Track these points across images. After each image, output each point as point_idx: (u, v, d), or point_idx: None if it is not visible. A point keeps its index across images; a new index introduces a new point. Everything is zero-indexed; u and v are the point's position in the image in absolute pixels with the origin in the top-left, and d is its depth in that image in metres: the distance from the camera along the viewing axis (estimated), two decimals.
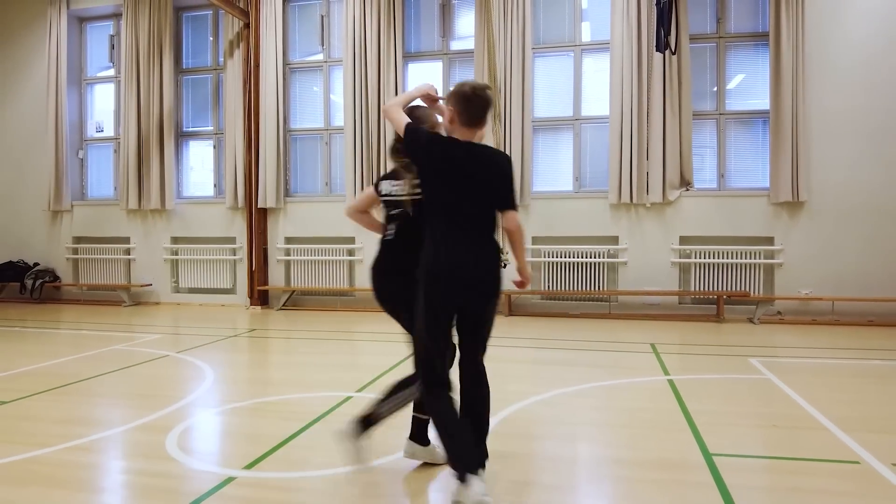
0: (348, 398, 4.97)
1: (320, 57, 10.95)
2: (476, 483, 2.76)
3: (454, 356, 3.33)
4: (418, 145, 3.18)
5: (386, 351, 7.13)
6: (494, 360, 6.70)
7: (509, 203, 3.17)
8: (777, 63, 9.01)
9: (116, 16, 11.73)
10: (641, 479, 3.42)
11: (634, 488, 3.32)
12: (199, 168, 11.75)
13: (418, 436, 3.58)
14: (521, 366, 6.47)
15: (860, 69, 8.92)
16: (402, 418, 3.56)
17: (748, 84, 9.63)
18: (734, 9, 9.54)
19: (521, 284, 3.26)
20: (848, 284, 8.93)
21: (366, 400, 4.94)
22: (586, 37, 10.02)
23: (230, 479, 3.39)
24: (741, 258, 9.23)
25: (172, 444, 3.91)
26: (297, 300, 10.87)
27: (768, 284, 9.25)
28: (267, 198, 10.59)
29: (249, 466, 3.58)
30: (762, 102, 9.34)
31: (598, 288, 9.62)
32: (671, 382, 5.41)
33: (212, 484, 3.32)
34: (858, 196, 8.96)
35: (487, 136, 9.65)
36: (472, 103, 3.15)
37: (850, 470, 3.51)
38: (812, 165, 8.99)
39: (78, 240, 11.88)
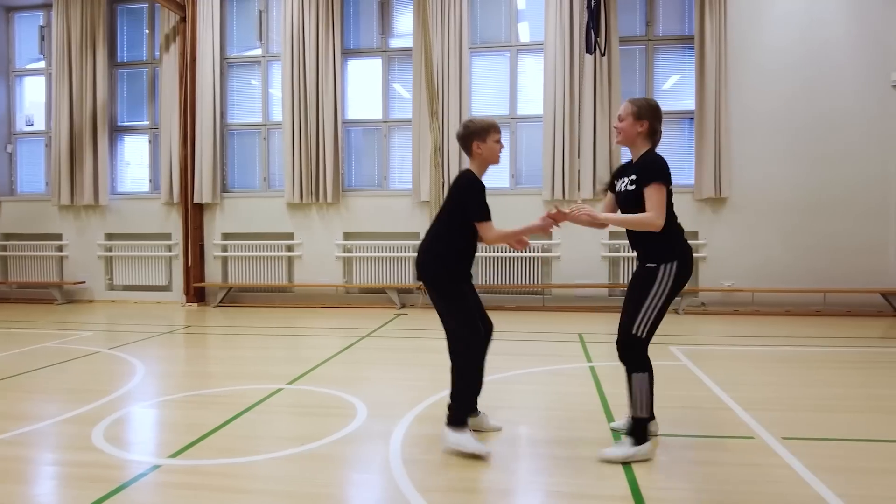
0: (279, 390, 5.06)
1: (259, 52, 10.92)
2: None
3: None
4: None
5: (322, 345, 7.24)
6: (432, 351, 6.92)
7: (472, 216, 3.75)
8: (702, 65, 9.44)
9: (47, 6, 11.44)
10: (555, 456, 3.63)
11: (546, 464, 3.53)
12: (134, 163, 11.57)
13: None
14: None
15: (778, 71, 9.43)
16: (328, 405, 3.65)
17: (675, 85, 10.05)
18: (662, 12, 9.94)
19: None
20: (767, 276, 9.43)
21: (297, 391, 5.06)
22: (523, 37, 10.28)
23: (156, 467, 3.46)
24: None
25: (99, 436, 3.94)
26: (234, 297, 10.83)
27: (693, 277, 9.68)
28: (203, 193, 10.52)
29: (176, 454, 3.64)
30: (689, 103, 9.76)
31: (533, 281, 9.90)
32: (592, 369, 5.70)
33: (137, 472, 3.39)
34: (777, 193, 9.46)
35: (425, 134, 9.83)
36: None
37: (745, 444, 3.80)
38: (734, 163, 9.45)
39: (7, 236, 11.56)
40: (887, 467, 3.43)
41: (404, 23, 10.55)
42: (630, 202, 3.67)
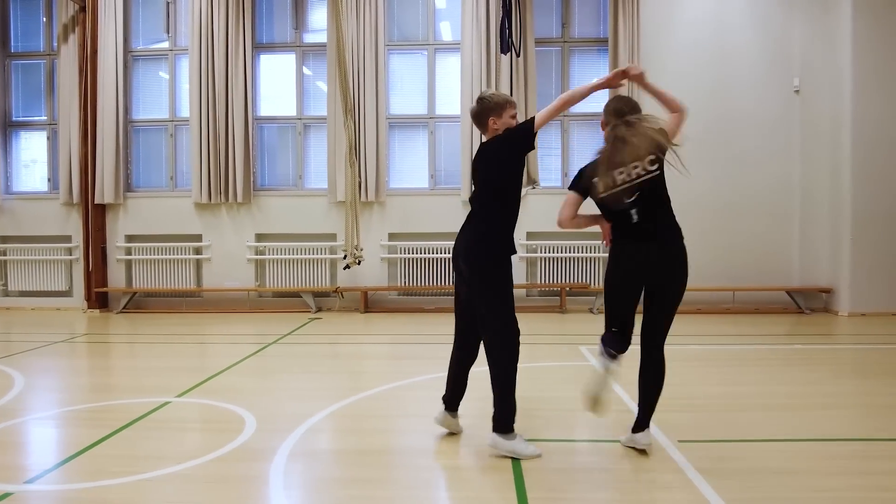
0: (166, 403, 4.73)
1: (166, 45, 10.42)
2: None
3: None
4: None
5: (227, 353, 6.92)
6: (345, 356, 6.71)
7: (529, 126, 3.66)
8: (615, 67, 9.50)
9: None
10: (443, 466, 3.48)
11: (432, 476, 3.37)
12: (31, 161, 10.85)
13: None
14: (371, 361, 6.53)
15: (689, 75, 9.59)
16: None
17: None
18: (577, 14, 9.99)
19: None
20: None
21: (185, 404, 4.73)
22: (443, 36, 10.15)
23: (7, 495, 3.12)
24: (583, 252, 9.70)
25: None
26: (139, 302, 10.28)
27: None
28: (105, 193, 9.94)
29: (34, 479, 3.31)
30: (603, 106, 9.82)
31: (451, 283, 9.77)
32: None
33: None
34: (688, 194, 9.48)
35: (341, 132, 9.53)
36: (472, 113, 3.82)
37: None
38: None
39: None
40: (782, 467, 3.41)
41: (319, 17, 10.25)
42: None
